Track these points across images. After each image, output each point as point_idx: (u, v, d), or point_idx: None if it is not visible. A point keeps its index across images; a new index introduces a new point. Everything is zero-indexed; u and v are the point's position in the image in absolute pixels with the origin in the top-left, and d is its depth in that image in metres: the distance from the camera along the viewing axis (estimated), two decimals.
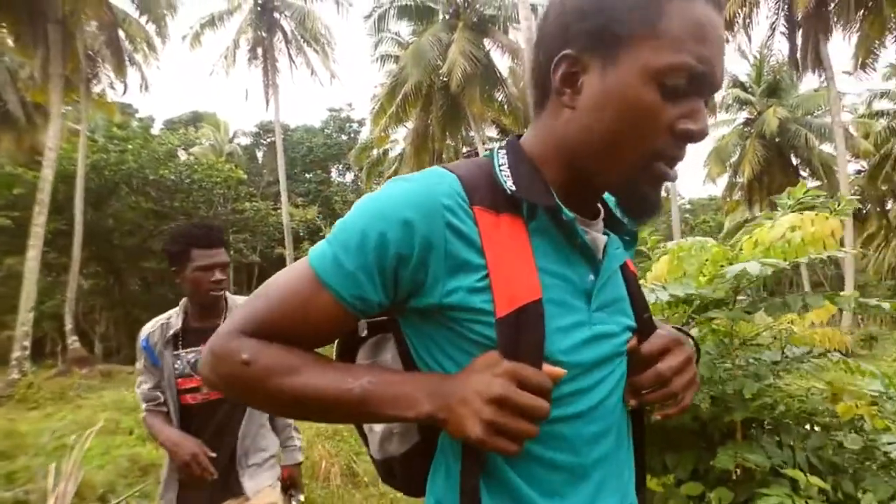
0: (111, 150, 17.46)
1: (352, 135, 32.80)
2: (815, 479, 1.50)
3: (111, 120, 18.44)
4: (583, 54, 0.57)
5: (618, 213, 0.70)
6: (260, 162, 33.72)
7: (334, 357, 0.74)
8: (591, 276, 0.64)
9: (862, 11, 13.96)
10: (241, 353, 0.59)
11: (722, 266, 1.56)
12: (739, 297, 1.78)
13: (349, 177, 33.48)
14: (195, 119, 32.43)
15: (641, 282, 1.75)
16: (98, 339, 18.95)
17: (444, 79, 15.30)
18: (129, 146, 17.80)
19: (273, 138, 30.28)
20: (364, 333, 0.72)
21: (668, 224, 21.78)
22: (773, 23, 15.82)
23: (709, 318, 1.75)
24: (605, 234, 0.68)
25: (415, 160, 19.24)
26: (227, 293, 1.81)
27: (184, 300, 1.77)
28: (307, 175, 31.68)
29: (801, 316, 1.72)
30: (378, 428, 0.73)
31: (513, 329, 0.57)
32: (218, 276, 1.67)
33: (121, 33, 15.33)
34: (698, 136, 0.56)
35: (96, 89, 16.23)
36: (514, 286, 0.58)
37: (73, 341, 13.72)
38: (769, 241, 1.50)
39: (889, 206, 26.53)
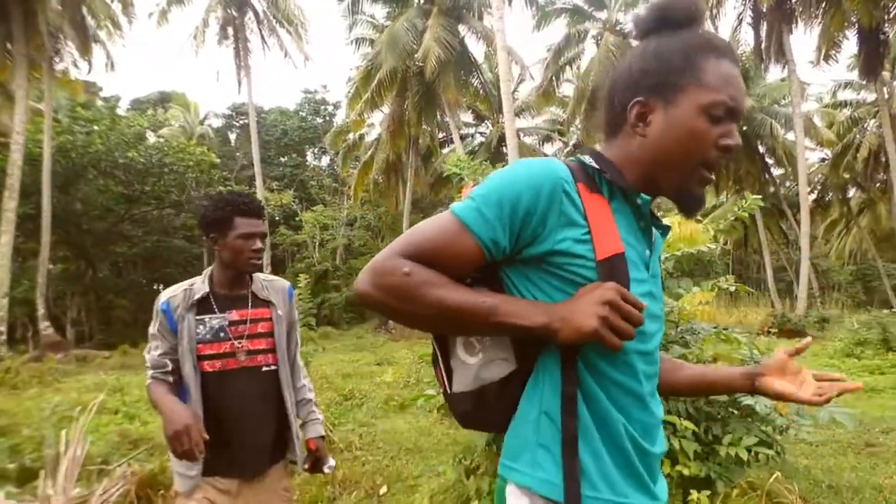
0: (77, 131, 17.05)
1: (327, 118, 32.39)
2: (687, 423, 1.84)
3: (74, 99, 17.89)
4: (650, 100, 0.83)
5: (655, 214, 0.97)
6: (233, 145, 33.13)
7: None
8: (647, 251, 0.88)
9: (823, 5, 14.49)
10: (403, 267, 0.77)
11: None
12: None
13: (325, 160, 33.18)
14: (163, 99, 31.59)
15: None
16: (70, 324, 18.68)
17: (420, 64, 15.27)
18: (96, 128, 17.40)
19: (246, 120, 29.76)
20: (468, 281, 0.86)
21: None
22: (741, 14, 16.32)
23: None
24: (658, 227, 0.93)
25: (391, 145, 19.27)
26: (259, 274, 1.82)
27: (209, 269, 1.76)
28: (282, 158, 31.28)
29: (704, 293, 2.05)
30: (473, 360, 0.87)
31: (608, 271, 0.78)
32: (259, 244, 1.67)
33: (84, 10, 14.89)
34: (734, 147, 0.82)
35: (59, 67, 15.77)
36: (606, 242, 0.80)
37: (45, 327, 13.58)
38: (679, 235, 1.82)
39: (850, 193, 27.62)
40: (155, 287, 21.53)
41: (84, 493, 2.52)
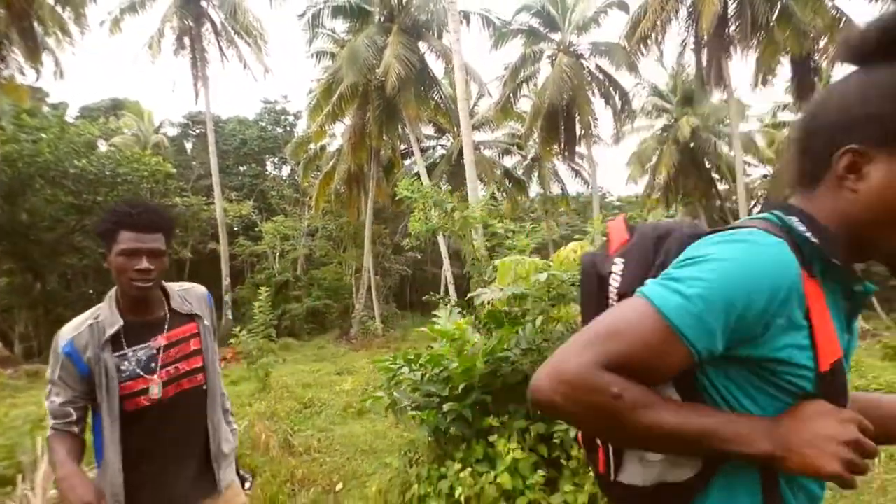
0: (23, 139, 16.49)
1: (287, 127, 32.21)
2: None
3: (19, 106, 17.28)
4: (869, 148, 0.67)
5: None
6: (189, 154, 32.46)
7: None
8: (847, 336, 0.74)
9: (758, 35, 15.70)
10: (612, 387, 0.64)
11: (539, 271, 2.27)
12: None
13: (286, 170, 32.92)
14: (115, 107, 30.68)
15: (494, 285, 2.47)
16: (18, 339, 17.91)
17: (381, 79, 15.57)
18: (44, 136, 16.86)
19: (203, 129, 29.29)
20: None
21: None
22: (684, 40, 17.42)
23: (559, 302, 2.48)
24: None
25: (352, 156, 19.43)
26: (165, 283, 1.61)
27: (111, 292, 1.53)
28: (241, 168, 30.88)
29: None
30: (657, 458, 0.75)
31: (829, 383, 0.67)
32: (145, 264, 1.42)
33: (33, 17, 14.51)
34: None
35: (4, 73, 15.26)
36: (829, 345, 0.68)
37: None
38: (561, 258, 2.22)
39: None
40: None
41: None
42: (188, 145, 33.19)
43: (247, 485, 1.74)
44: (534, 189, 27.58)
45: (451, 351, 2.71)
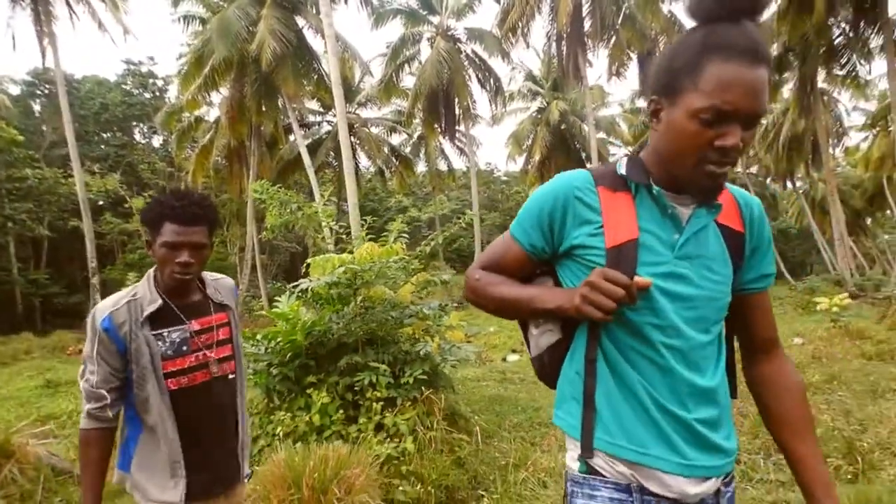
0: None
1: (157, 93, 29.65)
2: (383, 366, 3.19)
3: None
4: (660, 98, 0.90)
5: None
6: (38, 117, 28.81)
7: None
8: (677, 235, 0.94)
9: (608, 34, 17.70)
10: (475, 274, 1.09)
11: (339, 266, 3.14)
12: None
13: (157, 140, 30.48)
14: None
15: (318, 274, 3.31)
16: None
17: (256, 53, 15.20)
18: None
19: (53, 89, 26.14)
20: (537, 272, 1.08)
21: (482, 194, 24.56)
22: (548, 32, 19.03)
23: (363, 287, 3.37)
24: (702, 208, 0.95)
25: (231, 131, 18.77)
26: (205, 273, 1.64)
27: (150, 272, 1.56)
28: (104, 135, 28.11)
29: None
30: (535, 331, 1.07)
31: (615, 256, 0.92)
32: (186, 257, 1.46)
33: None
34: (729, 149, 0.85)
35: None
36: (620, 231, 0.93)
37: None
38: (362, 254, 3.10)
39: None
40: None
41: None
42: (36, 107, 29.39)
43: (246, 480, 1.74)
44: (421, 166, 28.47)
45: (283, 328, 3.50)
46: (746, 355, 1.08)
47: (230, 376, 1.60)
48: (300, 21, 16.64)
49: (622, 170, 0.98)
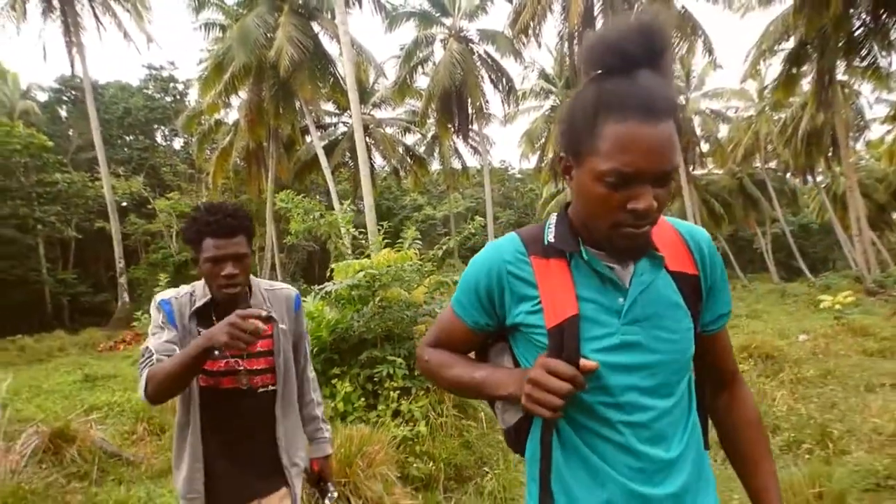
0: None
1: (177, 96, 30.50)
2: (400, 360, 3.57)
3: None
4: (568, 157, 0.85)
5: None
6: (65, 122, 29.83)
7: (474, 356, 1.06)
8: (621, 300, 0.87)
9: None
10: (424, 355, 1.05)
11: (358, 271, 3.52)
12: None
13: (178, 143, 31.35)
14: None
15: (340, 279, 3.71)
16: None
17: (274, 59, 15.68)
18: None
19: (79, 95, 27.04)
20: (491, 341, 1.02)
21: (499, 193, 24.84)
22: (560, 32, 19.20)
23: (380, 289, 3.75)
24: (644, 261, 0.89)
25: (250, 134, 19.33)
26: (253, 277, 1.64)
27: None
28: (127, 138, 28.99)
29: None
30: (501, 406, 1.00)
31: (558, 336, 0.85)
32: (230, 269, 1.47)
33: None
34: (642, 211, 0.78)
35: None
36: (559, 307, 0.87)
37: None
38: (379, 260, 3.48)
39: None
40: None
41: (9, 444, 3.56)
42: (62, 113, 30.42)
43: (327, 501, 1.69)
44: (436, 164, 28.83)
45: (309, 326, 3.89)
46: (710, 391, 1.03)
47: (264, 389, 1.57)
48: (316, 27, 17.11)
49: (550, 236, 0.91)
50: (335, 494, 1.68)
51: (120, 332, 16.27)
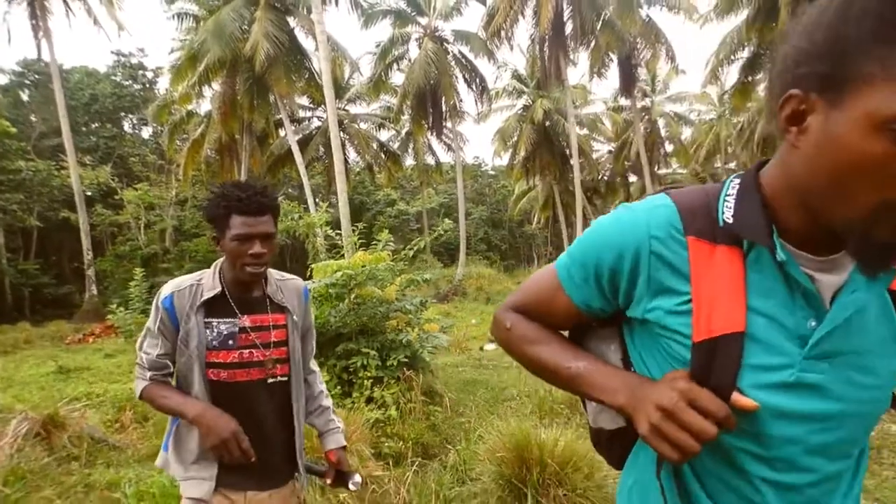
0: None
1: (147, 84, 29.94)
2: (373, 352, 3.97)
3: None
4: (809, 94, 0.55)
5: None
6: (26, 107, 28.89)
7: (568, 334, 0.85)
8: (813, 322, 0.62)
9: (587, 38, 18.47)
10: (506, 321, 0.85)
11: (336, 271, 3.90)
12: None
13: (147, 132, 30.73)
14: None
15: (319, 278, 4.12)
16: None
17: (249, 53, 15.72)
18: None
19: (42, 78, 26.30)
20: (594, 324, 0.82)
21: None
22: (532, 35, 19.73)
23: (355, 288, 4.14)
24: (861, 274, 0.62)
25: (223, 126, 19.23)
26: (272, 270, 1.61)
27: (219, 262, 1.56)
28: (93, 125, 28.32)
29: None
30: (594, 405, 0.83)
31: (708, 356, 0.62)
32: (258, 248, 1.44)
33: None
34: None
35: None
36: (717, 316, 0.62)
37: None
38: (353, 261, 3.87)
39: (631, 179, 34.25)
40: None
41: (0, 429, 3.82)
42: (24, 97, 29.45)
43: (352, 486, 1.64)
44: (409, 160, 29.11)
45: None
46: None
47: (272, 380, 1.55)
48: (292, 22, 17.14)
49: (727, 213, 0.65)
50: (360, 479, 1.64)
51: (88, 324, 16.12)
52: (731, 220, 0.64)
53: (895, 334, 0.65)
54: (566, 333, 0.85)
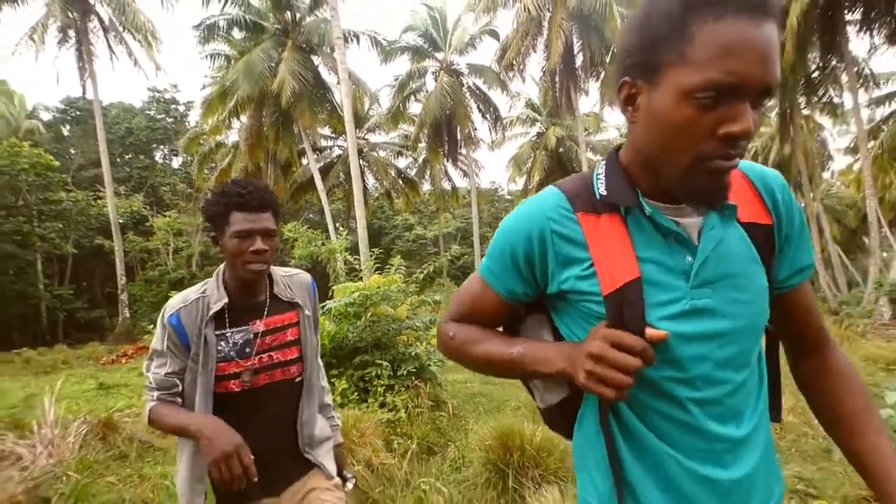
0: None
1: (178, 118, 31.63)
2: (386, 364, 4.53)
3: None
4: (636, 80, 0.71)
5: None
6: (66, 141, 30.73)
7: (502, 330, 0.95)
8: (689, 258, 0.75)
9: (596, 70, 19.20)
10: (449, 332, 0.94)
11: (354, 292, 4.50)
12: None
13: (176, 162, 32.30)
14: None
15: (339, 298, 4.73)
16: None
17: (276, 89, 16.80)
18: None
19: (82, 115, 28.00)
20: (523, 313, 0.92)
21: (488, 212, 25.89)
22: (543, 68, 20.55)
23: (371, 307, 4.73)
24: (713, 213, 0.76)
25: (249, 156, 20.36)
26: (272, 267, 1.55)
27: (218, 269, 1.52)
28: (126, 157, 29.93)
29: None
30: (540, 384, 0.92)
31: (617, 304, 0.74)
32: (260, 244, 1.41)
33: None
34: (739, 135, 0.64)
35: None
36: (616, 270, 0.75)
37: None
38: (370, 283, 4.46)
39: None
40: None
41: (65, 430, 4.45)
42: (64, 131, 31.35)
43: (349, 485, 1.65)
44: (426, 186, 29.96)
45: None
46: (792, 355, 0.93)
47: (297, 379, 1.55)
48: (316, 60, 18.26)
49: (600, 188, 0.80)
50: (353, 480, 1.65)
51: (121, 346, 16.98)
52: (605, 193, 0.79)
53: (754, 256, 0.79)
54: (502, 330, 0.96)
